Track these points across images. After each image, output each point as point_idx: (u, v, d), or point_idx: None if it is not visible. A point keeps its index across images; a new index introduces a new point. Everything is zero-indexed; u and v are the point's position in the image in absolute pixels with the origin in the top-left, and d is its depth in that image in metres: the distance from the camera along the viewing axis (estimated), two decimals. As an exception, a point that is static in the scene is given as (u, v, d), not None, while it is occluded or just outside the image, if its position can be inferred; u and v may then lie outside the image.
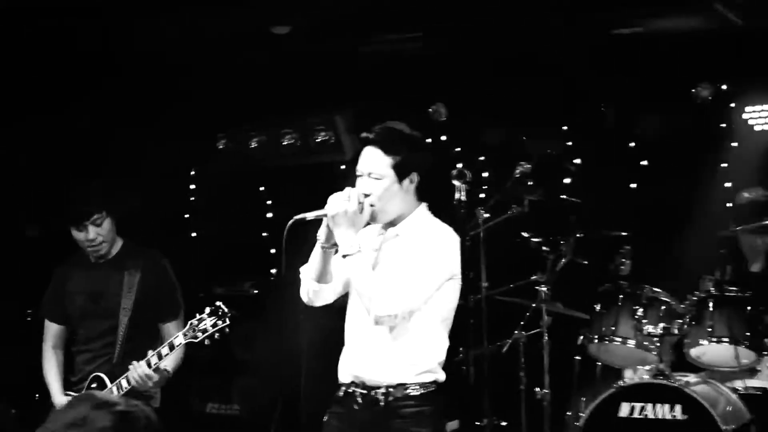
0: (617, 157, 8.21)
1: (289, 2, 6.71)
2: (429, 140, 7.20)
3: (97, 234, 5.31)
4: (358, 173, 4.30)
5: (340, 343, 4.49)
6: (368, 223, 4.35)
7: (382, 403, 4.24)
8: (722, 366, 6.53)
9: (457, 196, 4.12)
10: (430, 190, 4.41)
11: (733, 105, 7.88)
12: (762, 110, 7.75)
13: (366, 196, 4.23)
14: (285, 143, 8.37)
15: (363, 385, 4.31)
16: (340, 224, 4.17)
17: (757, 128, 7.77)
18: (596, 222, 7.17)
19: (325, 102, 8.29)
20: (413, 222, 4.33)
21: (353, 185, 4.25)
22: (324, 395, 4.57)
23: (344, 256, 4.19)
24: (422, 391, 4.26)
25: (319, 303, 4.51)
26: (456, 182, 4.14)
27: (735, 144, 7.93)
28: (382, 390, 4.25)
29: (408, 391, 4.25)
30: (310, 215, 4.17)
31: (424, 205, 4.39)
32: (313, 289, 4.44)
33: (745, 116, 7.81)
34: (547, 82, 7.94)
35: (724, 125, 7.94)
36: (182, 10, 6.74)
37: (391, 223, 4.35)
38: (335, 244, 4.26)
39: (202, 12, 6.80)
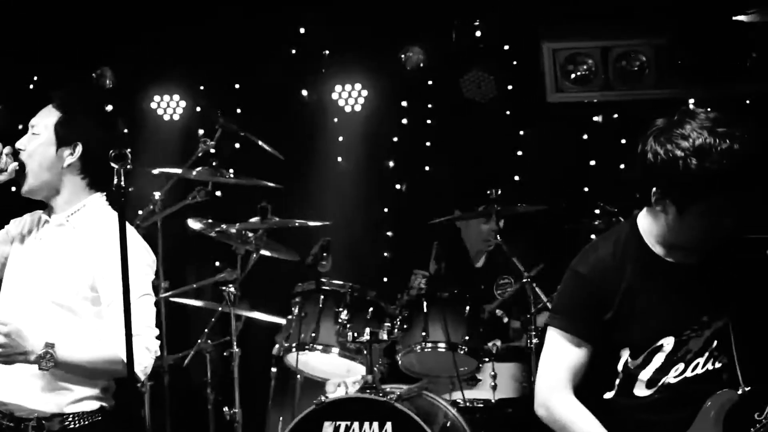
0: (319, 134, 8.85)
1: None
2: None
3: None
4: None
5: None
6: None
7: None
8: (439, 375, 7.16)
9: (115, 181, 4.22)
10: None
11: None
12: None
13: (16, 152, 4.48)
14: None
15: (10, 416, 4.41)
16: None
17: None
18: (294, 210, 7.66)
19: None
20: (87, 214, 4.56)
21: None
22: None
23: None
24: (83, 423, 4.40)
25: None
26: (113, 164, 4.21)
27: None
28: (33, 423, 4.36)
29: (66, 423, 4.37)
30: None
31: (99, 196, 4.63)
32: None
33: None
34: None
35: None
36: None
37: (45, 202, 4.59)
38: None
39: None
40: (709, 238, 3.88)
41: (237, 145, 8.21)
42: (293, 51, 8.72)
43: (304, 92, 8.87)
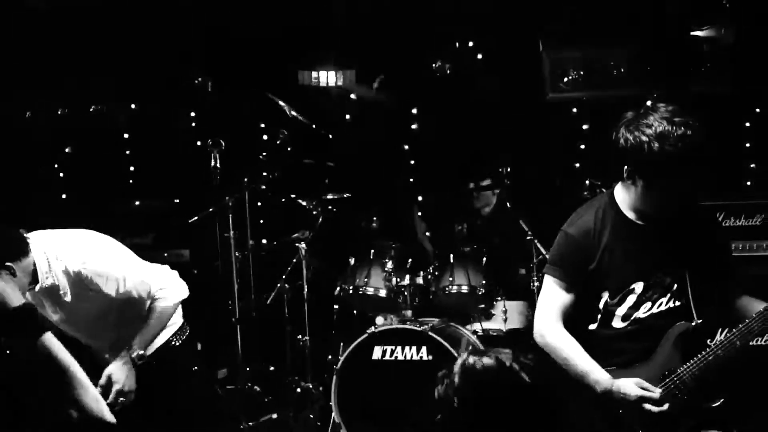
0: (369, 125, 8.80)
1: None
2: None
3: None
4: None
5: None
6: None
7: None
8: (463, 311, 7.17)
9: (213, 163, 4.23)
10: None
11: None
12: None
13: None
14: (60, 112, 8.46)
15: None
16: None
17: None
18: (346, 184, 7.64)
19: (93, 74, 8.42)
20: (45, 269, 4.30)
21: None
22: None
23: None
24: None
25: None
26: (211, 150, 4.21)
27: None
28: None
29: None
30: None
31: (32, 246, 4.29)
32: None
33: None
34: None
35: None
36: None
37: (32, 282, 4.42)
38: None
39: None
40: (670, 205, 3.91)
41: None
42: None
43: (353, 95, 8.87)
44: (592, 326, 4.10)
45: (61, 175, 9.27)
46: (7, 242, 4.15)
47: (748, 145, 7.75)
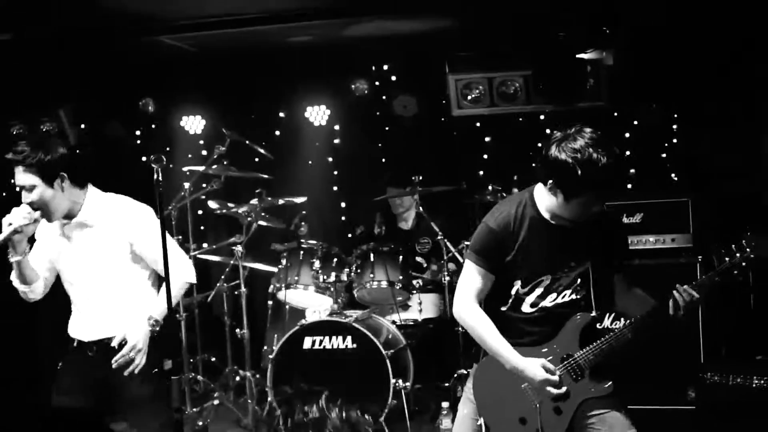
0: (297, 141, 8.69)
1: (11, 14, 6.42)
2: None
3: None
4: (18, 190, 4.31)
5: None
6: None
7: None
8: (382, 303, 7.12)
9: (155, 177, 4.18)
10: (95, 173, 4.48)
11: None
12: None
13: (32, 206, 4.25)
14: (14, 132, 8.14)
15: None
16: (19, 239, 4.28)
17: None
18: (281, 193, 7.41)
19: (50, 98, 8.16)
20: (91, 208, 4.38)
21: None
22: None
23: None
24: None
25: (37, 298, 4.60)
26: (153, 165, 4.17)
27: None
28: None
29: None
30: None
31: (90, 189, 4.41)
32: (24, 291, 4.54)
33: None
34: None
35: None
36: None
37: (68, 216, 4.36)
38: (24, 253, 4.36)
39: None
40: (583, 216, 3.86)
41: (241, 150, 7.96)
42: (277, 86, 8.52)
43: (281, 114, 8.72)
44: (504, 308, 4.06)
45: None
46: (79, 163, 4.27)
47: (628, 153, 7.78)
